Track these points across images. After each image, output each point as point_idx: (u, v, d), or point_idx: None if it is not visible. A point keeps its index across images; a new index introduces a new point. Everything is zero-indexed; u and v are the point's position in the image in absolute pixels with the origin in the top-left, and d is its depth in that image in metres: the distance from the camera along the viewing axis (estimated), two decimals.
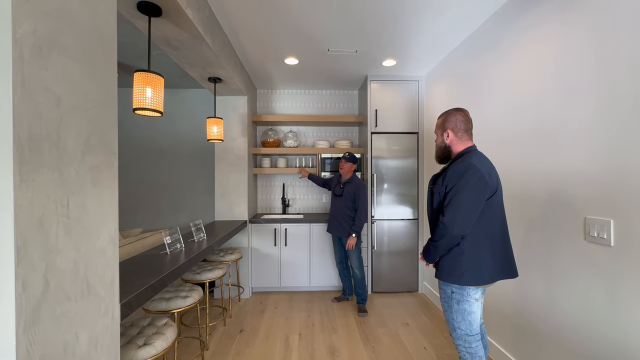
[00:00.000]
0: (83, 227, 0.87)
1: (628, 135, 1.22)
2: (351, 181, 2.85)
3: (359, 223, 2.74)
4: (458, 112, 1.43)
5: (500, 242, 1.33)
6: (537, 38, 1.70)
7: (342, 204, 2.83)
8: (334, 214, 2.89)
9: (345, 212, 2.82)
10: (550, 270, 1.61)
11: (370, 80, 3.28)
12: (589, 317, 1.39)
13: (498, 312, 2.02)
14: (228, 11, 2.05)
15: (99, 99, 0.94)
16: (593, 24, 1.37)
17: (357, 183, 2.83)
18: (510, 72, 1.92)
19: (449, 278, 1.34)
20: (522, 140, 1.81)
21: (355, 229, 2.75)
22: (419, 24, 2.22)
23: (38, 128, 0.73)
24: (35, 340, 0.72)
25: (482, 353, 1.43)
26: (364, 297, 2.86)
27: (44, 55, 0.74)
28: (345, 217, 2.81)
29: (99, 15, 0.94)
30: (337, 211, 2.87)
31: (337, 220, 2.85)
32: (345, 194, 2.83)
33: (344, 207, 2.82)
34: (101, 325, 0.95)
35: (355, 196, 2.79)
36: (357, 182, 2.84)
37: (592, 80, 1.38)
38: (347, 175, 2.89)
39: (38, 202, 0.72)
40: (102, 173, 0.95)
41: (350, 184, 2.84)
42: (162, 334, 1.36)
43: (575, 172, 1.46)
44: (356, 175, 2.93)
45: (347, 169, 2.87)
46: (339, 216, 2.84)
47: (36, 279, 0.72)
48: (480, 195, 1.24)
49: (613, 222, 1.28)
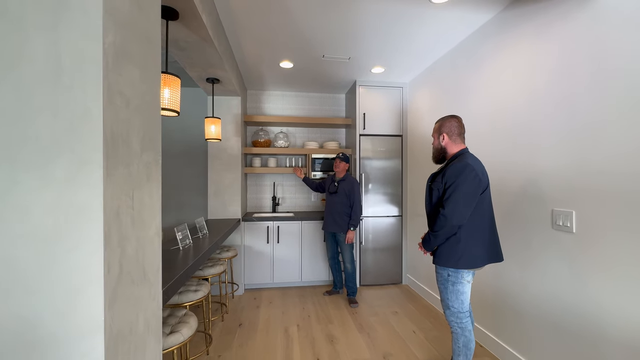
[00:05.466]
0: (141, 219, 0.95)
1: (585, 138, 1.49)
2: (345, 179, 3.02)
3: (355, 217, 2.92)
4: (453, 118, 1.65)
5: (489, 231, 1.56)
6: (512, 54, 1.97)
7: (338, 200, 2.99)
8: (329, 212, 3.04)
9: (340, 208, 2.98)
10: (524, 256, 1.88)
11: (358, 85, 3.48)
12: (557, 292, 1.66)
13: (480, 296, 2.28)
14: (233, 16, 2.14)
15: (151, 100, 1.02)
16: (560, 46, 1.64)
17: (351, 180, 3.01)
18: (488, 83, 2.18)
19: (447, 263, 1.55)
20: (499, 142, 2.08)
21: (352, 223, 2.92)
22: (408, 36, 2.44)
23: (116, 128, 0.81)
24: (114, 318, 0.80)
25: (471, 327, 1.66)
26: (354, 290, 3.04)
27: (119, 63, 0.83)
28: (340, 214, 2.97)
29: (150, 22, 1.02)
30: (332, 208, 3.02)
31: (332, 217, 3.00)
32: (340, 191, 2.99)
33: (339, 203, 2.98)
34: (151, 309, 1.03)
35: (350, 192, 2.96)
36: (352, 179, 3.02)
37: (558, 90, 1.65)
38: (341, 174, 3.05)
39: (116, 194, 0.81)
40: (152, 169, 1.03)
41: (344, 182, 3.01)
42: (187, 323, 1.43)
43: (543, 170, 1.74)
44: (349, 174, 3.10)
45: (342, 168, 3.03)
46: (334, 213, 2.99)
47: (115, 263, 0.80)
48: (475, 191, 1.47)
49: (575, 213, 1.55)
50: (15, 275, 0.72)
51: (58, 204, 0.73)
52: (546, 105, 1.72)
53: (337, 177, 3.09)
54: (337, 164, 3.04)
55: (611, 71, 1.39)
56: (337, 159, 3.03)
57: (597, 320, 1.45)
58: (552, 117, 1.69)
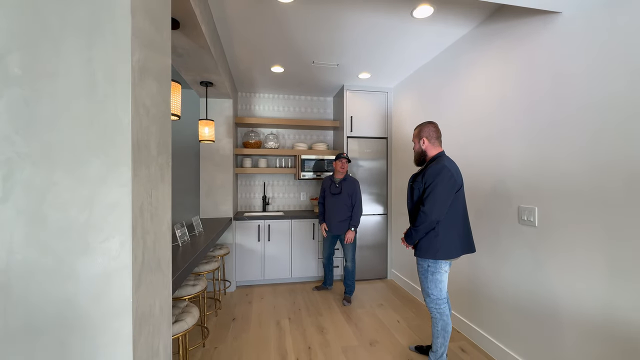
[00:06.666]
0: (157, 215, 1.07)
1: (545, 142, 1.71)
2: (347, 179, 3.02)
3: (356, 217, 2.93)
4: (431, 124, 1.84)
5: (463, 226, 1.75)
6: (485, 65, 2.18)
7: (341, 201, 2.97)
8: (333, 214, 3.01)
9: (344, 209, 2.96)
10: (494, 248, 2.09)
11: (346, 89, 3.65)
12: (521, 279, 1.87)
13: (457, 285, 2.49)
14: (228, 24, 2.25)
15: (164, 108, 1.14)
16: (525, 60, 1.86)
17: (353, 180, 3.00)
18: (464, 91, 2.39)
19: (426, 255, 1.73)
20: (473, 145, 2.29)
21: (353, 223, 2.93)
22: (393, 46, 2.62)
23: (140, 134, 0.93)
24: (139, 301, 0.92)
25: (448, 312, 1.85)
26: (353, 289, 3.05)
27: (142, 78, 0.94)
28: (344, 215, 2.96)
29: (163, 39, 1.14)
30: (335, 210, 2.99)
31: (337, 219, 2.98)
32: (343, 192, 2.97)
33: (342, 204, 2.96)
34: (164, 296, 1.14)
35: (352, 193, 2.95)
36: (353, 179, 3.02)
37: (524, 99, 1.86)
38: (342, 175, 3.05)
39: (140, 192, 0.92)
40: (165, 170, 1.15)
41: (346, 182, 3.00)
42: (190, 312, 1.54)
43: (511, 171, 1.95)
44: (349, 174, 3.09)
45: (346, 169, 3.03)
46: (339, 215, 2.97)
47: (139, 253, 0.92)
48: (450, 190, 1.65)
49: (537, 209, 1.77)
50: (56, 263, 0.82)
51: (92, 201, 0.84)
52: (515, 113, 1.93)
53: (336, 178, 3.06)
54: (343, 164, 3.00)
55: (566, 84, 1.60)
56: (344, 159, 2.99)
57: (552, 302, 1.66)
58: (520, 123, 1.90)
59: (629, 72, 1.32)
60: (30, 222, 0.82)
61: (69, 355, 0.84)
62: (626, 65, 1.34)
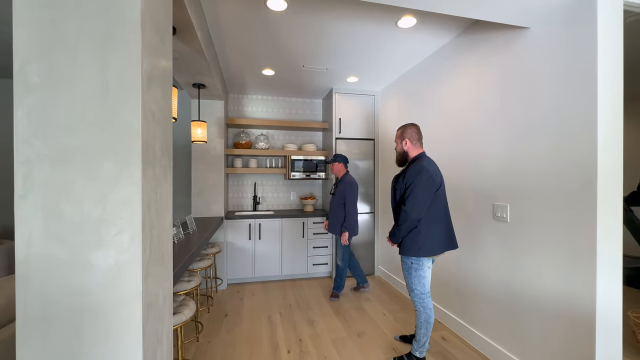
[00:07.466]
0: (161, 211, 1.15)
1: (517, 145, 1.87)
2: (342, 180, 3.08)
3: (349, 219, 2.95)
4: (413, 126, 1.97)
5: (444, 223, 1.89)
6: (464, 72, 2.34)
7: (335, 202, 3.04)
8: (330, 214, 3.10)
9: (337, 209, 3.03)
10: (472, 243, 2.25)
11: (335, 92, 3.77)
12: (497, 271, 2.04)
13: (439, 280, 2.65)
14: (222, 29, 2.32)
15: (167, 113, 1.22)
16: (500, 68, 2.02)
17: (346, 182, 3.02)
18: (446, 95, 2.55)
19: (410, 252, 1.86)
20: (455, 148, 2.44)
21: (345, 224, 2.96)
22: (379, 52, 2.76)
23: (147, 137, 1.01)
24: (147, 290, 1.00)
25: (431, 305, 1.98)
26: (342, 285, 3.14)
27: (150, 85, 1.03)
28: (337, 215, 3.03)
29: (166, 48, 1.22)
30: (331, 210, 3.08)
31: (332, 218, 3.06)
32: (337, 193, 3.06)
33: (336, 205, 3.03)
34: (166, 288, 1.22)
35: (343, 194, 2.99)
36: (346, 180, 3.03)
37: (499, 105, 2.03)
38: (339, 175, 3.13)
39: (148, 190, 1.01)
40: (167, 170, 1.23)
41: (341, 183, 3.06)
42: (187, 305, 1.62)
43: (488, 170, 2.11)
44: (348, 174, 3.14)
45: (337, 169, 3.10)
46: (333, 214, 3.05)
47: (147, 245, 1.00)
48: (429, 190, 1.79)
49: (509, 206, 1.93)
50: (71, 256, 0.90)
51: (105, 198, 0.92)
52: (491, 116, 2.09)
53: (337, 179, 3.17)
54: (332, 166, 3.12)
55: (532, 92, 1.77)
56: (331, 162, 3.11)
57: (521, 291, 1.83)
58: (495, 126, 2.06)
59: (584, 82, 1.49)
60: (48, 217, 0.89)
61: (84, 340, 0.91)
62: (584, 76, 1.50)
